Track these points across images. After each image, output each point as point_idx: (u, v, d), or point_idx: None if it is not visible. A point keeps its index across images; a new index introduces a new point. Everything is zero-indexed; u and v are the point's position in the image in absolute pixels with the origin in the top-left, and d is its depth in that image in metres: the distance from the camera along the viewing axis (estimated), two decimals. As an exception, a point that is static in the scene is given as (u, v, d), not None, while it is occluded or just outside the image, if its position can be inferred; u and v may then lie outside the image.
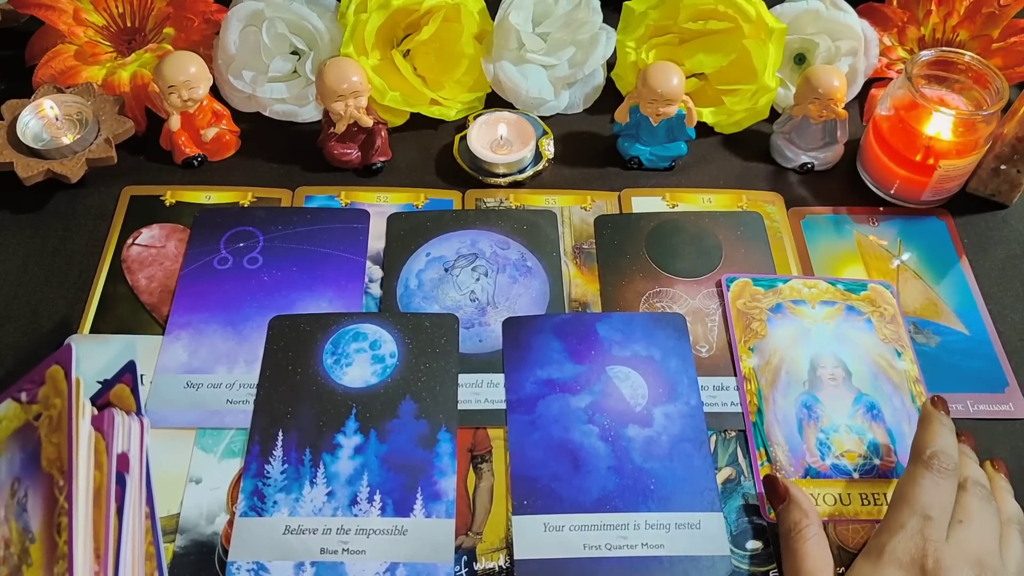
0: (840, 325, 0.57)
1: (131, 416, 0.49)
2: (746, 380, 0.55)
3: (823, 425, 0.53)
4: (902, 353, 0.56)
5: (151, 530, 0.47)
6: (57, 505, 0.43)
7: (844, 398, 0.54)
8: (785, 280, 0.58)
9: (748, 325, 0.56)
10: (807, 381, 0.55)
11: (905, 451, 0.51)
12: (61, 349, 0.47)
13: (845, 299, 0.58)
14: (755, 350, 0.56)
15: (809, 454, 0.52)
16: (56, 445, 0.44)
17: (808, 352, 0.56)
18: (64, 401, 0.45)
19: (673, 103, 0.66)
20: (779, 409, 0.54)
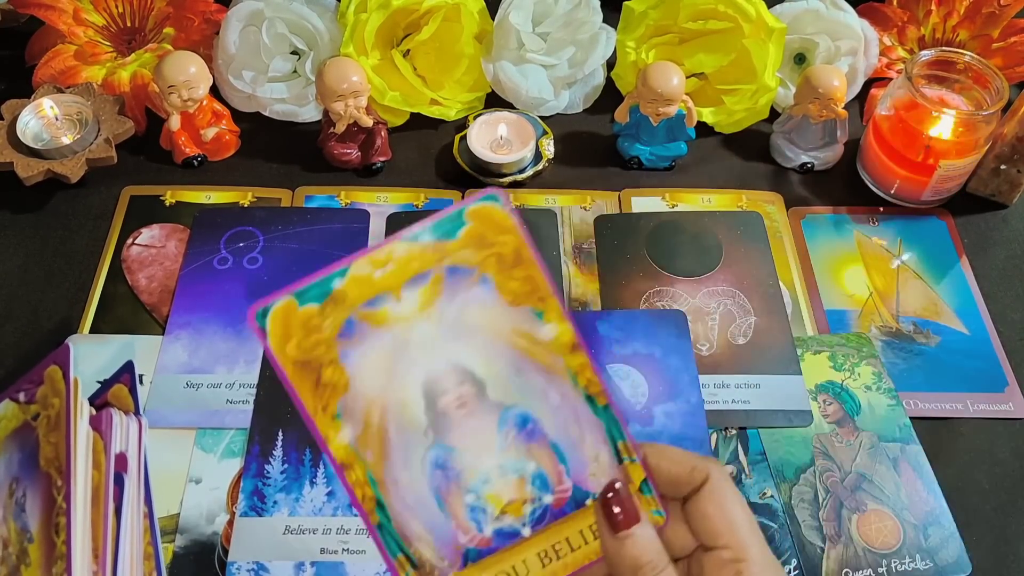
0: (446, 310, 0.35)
1: (129, 416, 0.49)
2: (346, 469, 0.35)
3: (468, 483, 0.36)
4: (543, 311, 0.35)
5: (149, 530, 0.47)
6: (55, 505, 0.43)
7: (485, 426, 0.36)
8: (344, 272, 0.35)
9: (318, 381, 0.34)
10: (428, 426, 0.36)
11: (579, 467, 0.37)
12: (59, 349, 0.47)
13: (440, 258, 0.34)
14: (342, 416, 0.35)
15: (461, 532, 0.36)
16: (54, 445, 0.44)
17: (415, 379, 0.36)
18: (62, 401, 0.45)
19: (673, 103, 0.66)
20: (404, 490, 0.36)
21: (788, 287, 0.63)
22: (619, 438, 0.37)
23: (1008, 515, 0.53)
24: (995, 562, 0.52)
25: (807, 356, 0.59)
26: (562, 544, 0.37)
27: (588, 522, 0.37)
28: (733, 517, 0.35)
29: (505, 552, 0.36)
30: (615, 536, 0.35)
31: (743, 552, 0.34)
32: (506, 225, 0.34)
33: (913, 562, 0.51)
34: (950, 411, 0.58)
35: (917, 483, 0.54)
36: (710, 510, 0.35)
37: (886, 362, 0.60)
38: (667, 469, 0.36)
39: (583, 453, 0.37)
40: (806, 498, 0.54)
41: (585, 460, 0.37)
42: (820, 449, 0.56)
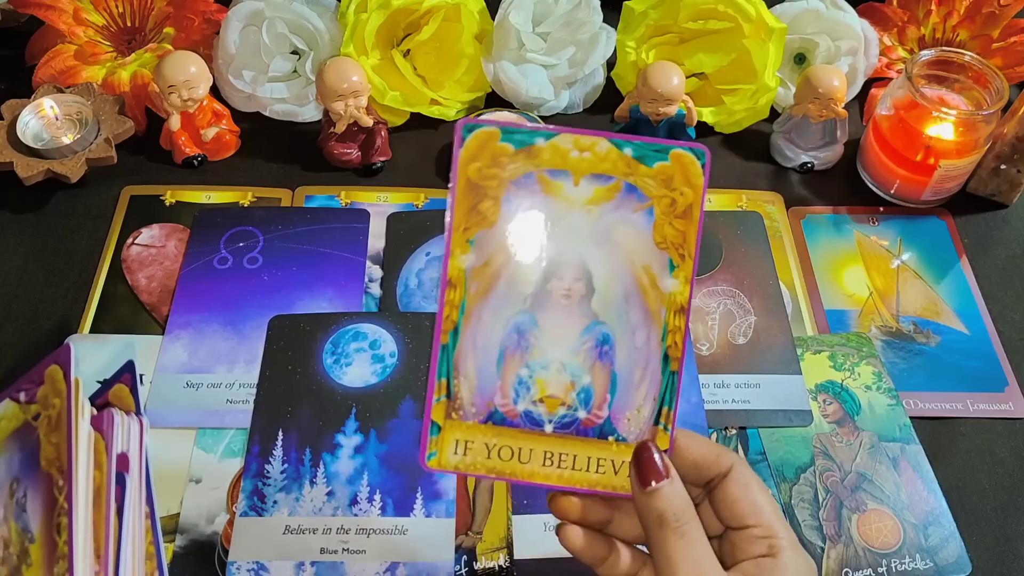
0: (606, 215, 0.38)
1: (130, 416, 0.49)
2: (450, 287, 0.38)
3: (531, 357, 0.39)
4: (678, 266, 0.39)
5: (151, 530, 0.47)
6: (57, 505, 0.43)
7: (572, 324, 0.39)
8: (550, 136, 0.38)
9: (476, 205, 0.38)
10: (531, 296, 0.39)
11: (621, 406, 0.39)
12: (60, 349, 0.47)
13: (628, 173, 0.38)
14: (475, 243, 0.38)
15: (500, 394, 0.39)
16: (55, 445, 0.44)
17: (547, 253, 0.39)
18: (63, 401, 0.45)
19: (673, 103, 0.66)
20: (482, 331, 0.39)
21: (788, 287, 0.63)
22: (668, 404, 0.39)
23: (1008, 515, 0.53)
24: (995, 562, 0.52)
25: (807, 356, 0.59)
26: (568, 458, 0.39)
27: (599, 454, 0.39)
28: (760, 500, 0.37)
29: (521, 433, 0.39)
30: (644, 489, 0.36)
31: (772, 530, 0.36)
32: (695, 181, 0.38)
33: (913, 562, 0.51)
34: (950, 411, 0.58)
35: (917, 483, 0.54)
36: (739, 494, 0.37)
37: (886, 362, 0.60)
38: (697, 450, 0.38)
39: (632, 397, 0.39)
40: (806, 498, 0.54)
41: (630, 403, 0.39)
42: (820, 449, 0.56)
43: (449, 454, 0.38)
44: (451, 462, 0.38)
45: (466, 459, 0.38)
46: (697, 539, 0.35)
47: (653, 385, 0.39)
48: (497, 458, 0.39)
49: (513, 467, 0.39)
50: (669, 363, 0.39)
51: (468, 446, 0.38)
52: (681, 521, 0.36)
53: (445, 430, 0.38)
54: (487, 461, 0.38)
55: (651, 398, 0.39)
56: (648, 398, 0.39)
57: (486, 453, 0.39)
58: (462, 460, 0.38)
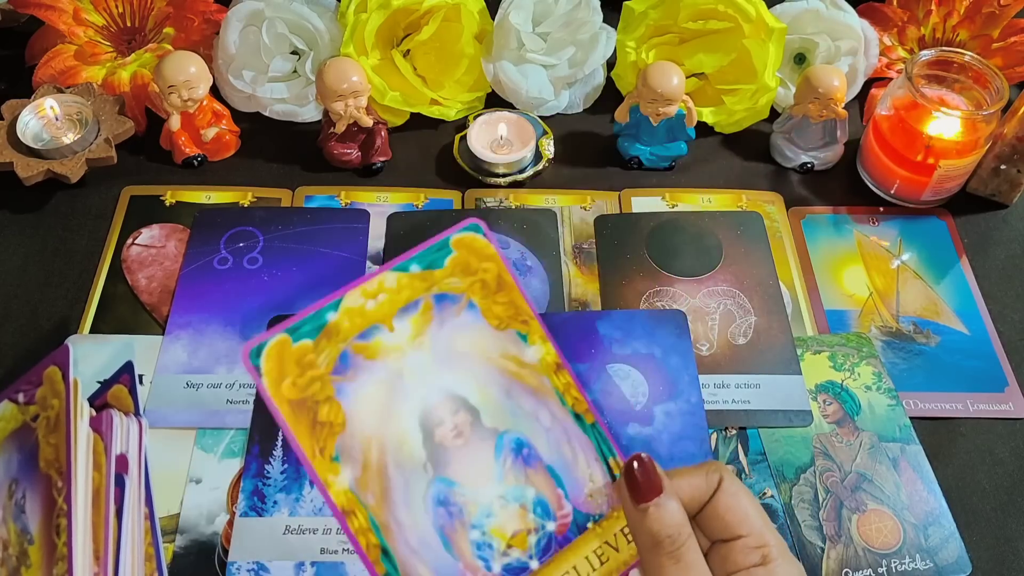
0: (437, 337, 0.36)
1: (129, 417, 0.49)
2: (349, 517, 0.34)
3: (471, 518, 0.36)
4: (526, 333, 0.37)
5: (150, 531, 0.47)
6: (56, 506, 0.43)
7: (481, 455, 0.36)
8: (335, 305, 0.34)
9: (315, 420, 0.33)
10: (427, 460, 0.35)
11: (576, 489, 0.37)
12: (58, 350, 0.47)
13: (429, 287, 0.36)
14: (340, 457, 0.34)
15: (470, 573, 0.35)
16: (54, 446, 0.44)
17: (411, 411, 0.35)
18: (62, 402, 0.45)
19: (673, 103, 0.66)
20: (408, 533, 0.35)
21: (788, 287, 0.63)
22: (609, 455, 0.37)
23: (1008, 515, 0.53)
24: (995, 562, 0.52)
25: (807, 356, 0.59)
26: (572, 573, 0.36)
27: (592, 546, 0.37)
28: (750, 510, 0.36)
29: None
30: (637, 507, 0.35)
31: (764, 539, 0.35)
32: (487, 253, 0.36)
33: (913, 562, 0.51)
34: (950, 411, 0.58)
35: (917, 483, 0.54)
36: (729, 503, 0.36)
37: (886, 362, 0.60)
38: (687, 485, 0.36)
39: (578, 473, 0.37)
40: (806, 498, 0.54)
41: (581, 480, 0.37)
42: (820, 449, 0.56)
43: None
44: None
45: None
46: (693, 563, 0.34)
47: (587, 449, 0.37)
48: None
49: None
50: (584, 419, 0.38)
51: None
52: (676, 543, 0.34)
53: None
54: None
55: (594, 460, 0.37)
56: (589, 462, 0.37)
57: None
58: None
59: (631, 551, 0.37)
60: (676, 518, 0.35)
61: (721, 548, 0.36)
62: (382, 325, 0.35)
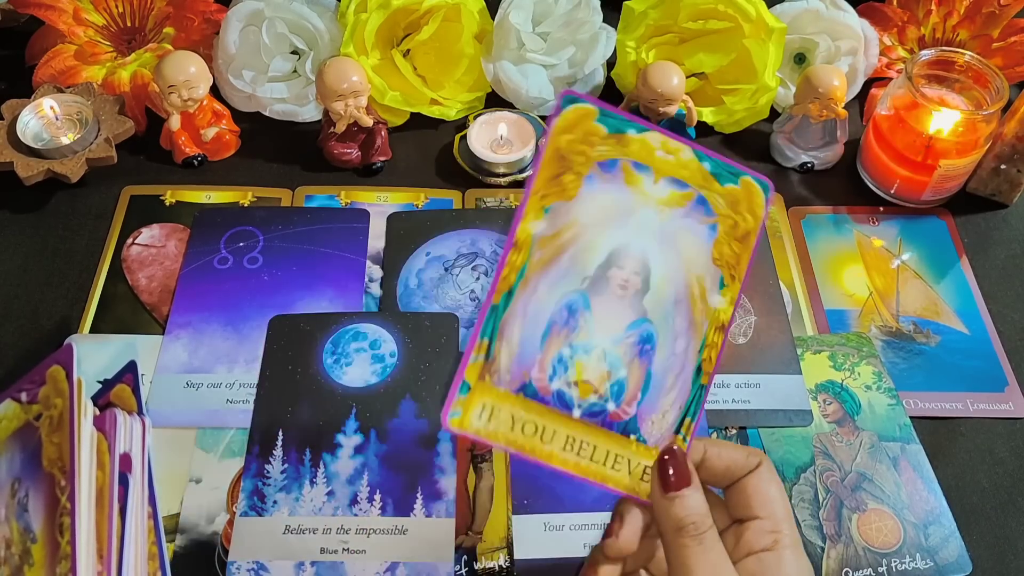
0: (675, 220, 0.40)
1: (132, 416, 0.49)
2: (515, 249, 0.38)
3: (576, 339, 0.39)
4: (727, 285, 0.41)
5: (154, 530, 0.47)
6: (59, 505, 0.43)
7: (622, 316, 0.40)
8: (642, 129, 0.39)
9: (559, 175, 0.38)
10: (590, 279, 0.39)
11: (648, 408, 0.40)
12: (62, 349, 0.47)
13: (703, 186, 0.40)
14: (549, 212, 0.38)
15: (538, 367, 0.39)
16: (57, 445, 0.44)
17: (613, 241, 0.39)
18: (65, 401, 0.45)
19: (673, 103, 0.66)
20: (535, 300, 0.39)
21: (788, 287, 0.63)
22: (691, 415, 0.40)
23: (1008, 514, 0.53)
24: (995, 561, 0.52)
25: (807, 356, 0.60)
26: (588, 447, 0.39)
27: (619, 450, 0.39)
28: (775, 496, 0.38)
29: (549, 411, 0.38)
30: (665, 495, 0.37)
31: (780, 525, 0.37)
32: (757, 211, 0.40)
33: (913, 561, 0.51)
34: (950, 411, 0.58)
35: (917, 482, 0.54)
36: (760, 487, 0.38)
37: (886, 362, 0.60)
38: (728, 455, 0.39)
39: (661, 401, 0.39)
40: (806, 497, 0.54)
41: (657, 407, 0.39)
42: (820, 449, 0.56)
43: (473, 417, 0.37)
44: (473, 425, 0.37)
45: (489, 426, 0.37)
46: (713, 545, 0.36)
47: (682, 393, 0.40)
48: (520, 432, 0.38)
49: (533, 444, 0.38)
50: (700, 375, 0.40)
51: (494, 413, 0.38)
52: (700, 529, 0.36)
53: (475, 391, 0.37)
54: (509, 433, 0.38)
55: (677, 406, 0.39)
56: (675, 405, 0.39)
57: (510, 424, 0.38)
58: (485, 426, 0.37)
59: (634, 484, 0.39)
60: (701, 508, 0.36)
61: (737, 530, 0.38)
62: (653, 172, 0.39)
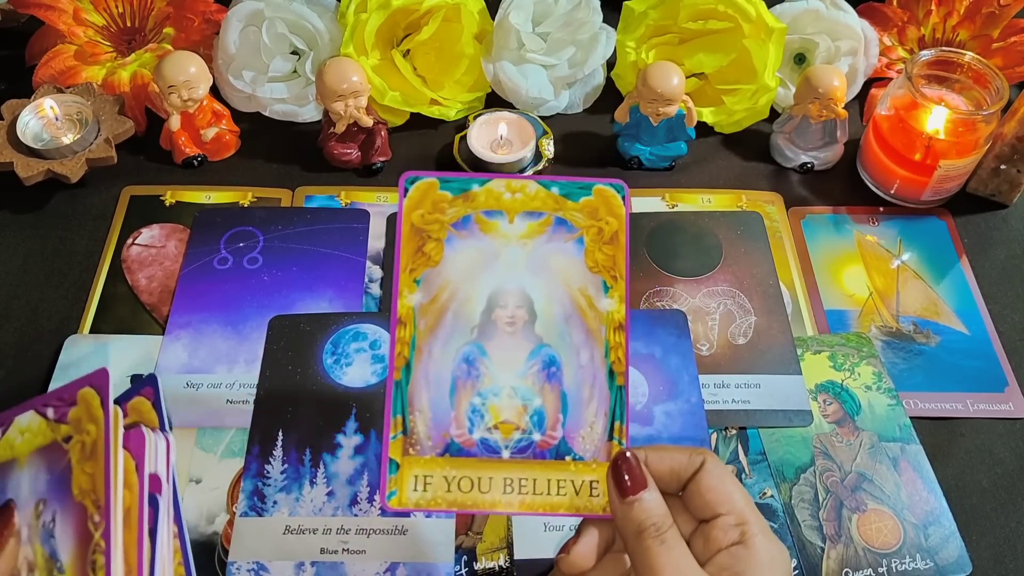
0: (540, 247, 0.42)
1: (157, 433, 0.48)
2: (400, 325, 0.41)
3: (483, 386, 0.41)
4: (611, 287, 0.42)
5: (180, 550, 0.47)
6: (92, 541, 0.42)
7: (519, 350, 0.41)
8: (484, 182, 0.42)
9: (420, 247, 0.42)
10: (477, 327, 0.41)
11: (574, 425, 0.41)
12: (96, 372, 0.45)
13: (557, 209, 0.42)
14: (421, 282, 0.41)
15: (455, 424, 0.40)
16: (90, 475, 0.43)
17: (488, 286, 0.42)
18: (99, 429, 0.44)
19: (673, 103, 0.66)
20: (433, 364, 0.41)
21: (788, 287, 0.63)
22: (619, 419, 0.40)
23: (1008, 515, 0.53)
24: (995, 561, 0.52)
25: (807, 356, 0.60)
26: (528, 483, 0.40)
27: (558, 476, 0.40)
28: (732, 489, 0.37)
29: (480, 461, 0.40)
30: (623, 500, 0.37)
31: (744, 516, 0.37)
32: (618, 212, 0.42)
33: (913, 562, 0.51)
34: (950, 411, 0.58)
35: (917, 483, 0.54)
36: (712, 484, 0.37)
37: (886, 362, 0.60)
38: (669, 458, 0.39)
39: (584, 415, 0.40)
40: (806, 498, 0.54)
41: (583, 421, 0.40)
42: (820, 449, 0.56)
43: (409, 491, 0.39)
44: (411, 499, 0.39)
45: (426, 495, 0.39)
46: (676, 544, 0.36)
47: (603, 401, 0.40)
48: (457, 490, 0.39)
49: (475, 498, 0.40)
50: (615, 378, 0.40)
51: (427, 481, 0.39)
52: (661, 530, 0.36)
53: (404, 467, 0.39)
54: (447, 495, 0.39)
55: (602, 414, 0.40)
56: (599, 414, 0.40)
57: (446, 486, 0.39)
58: (422, 496, 0.39)
59: (584, 502, 0.39)
60: (659, 509, 0.37)
61: (704, 528, 0.37)
62: (507, 215, 0.42)
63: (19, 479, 0.46)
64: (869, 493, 0.54)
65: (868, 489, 0.54)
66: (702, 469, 0.38)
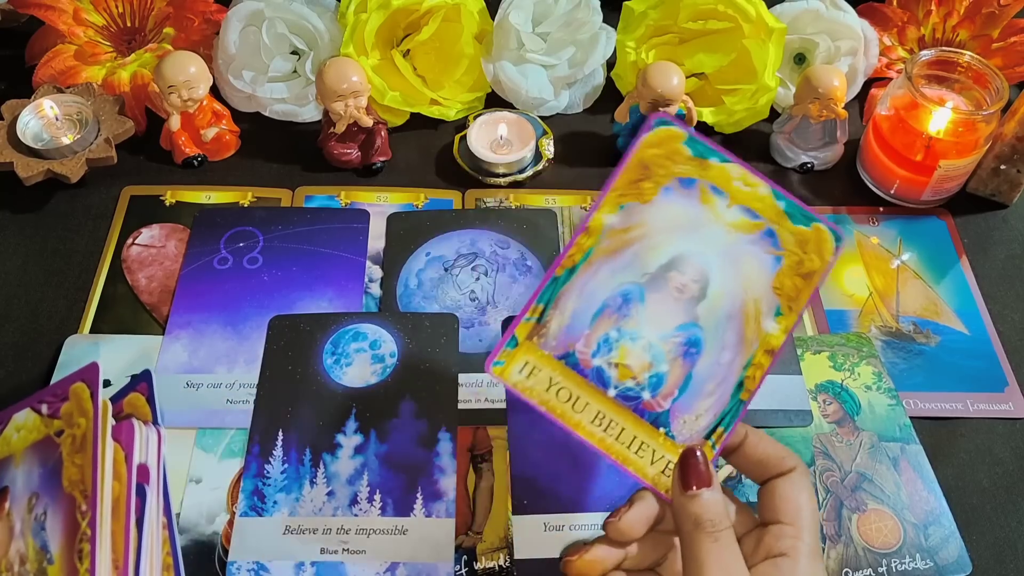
0: (741, 243, 0.42)
1: (148, 426, 0.49)
2: (586, 233, 0.42)
3: (626, 325, 0.42)
4: (783, 314, 0.42)
5: (168, 540, 0.47)
6: (79, 531, 0.42)
7: (673, 315, 0.42)
8: (725, 159, 0.42)
9: (639, 180, 0.42)
10: (650, 275, 0.42)
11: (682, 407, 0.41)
12: (87, 367, 0.46)
13: (775, 220, 0.42)
14: (624, 209, 0.42)
15: (584, 341, 0.41)
16: (79, 467, 0.44)
17: (679, 247, 0.42)
18: (89, 422, 0.44)
19: (673, 103, 0.66)
20: (594, 281, 0.42)
21: (788, 287, 0.63)
22: (724, 426, 0.41)
23: (1008, 515, 0.53)
24: (995, 561, 0.52)
25: (807, 356, 0.59)
26: (616, 426, 0.41)
27: (645, 438, 0.41)
28: (804, 504, 0.38)
29: (586, 384, 0.41)
30: (684, 492, 0.38)
31: (802, 532, 0.37)
32: (825, 256, 0.42)
33: (913, 561, 0.51)
34: (950, 411, 0.58)
35: (917, 483, 0.54)
36: (789, 493, 0.38)
37: (886, 362, 0.60)
38: (764, 449, 0.40)
39: (697, 404, 0.41)
40: (806, 498, 0.54)
41: (692, 408, 0.41)
42: (820, 449, 0.56)
43: (515, 370, 0.41)
44: (513, 378, 0.41)
45: (527, 381, 0.40)
46: (728, 545, 0.37)
47: (720, 402, 0.41)
48: (554, 395, 0.41)
49: (564, 410, 0.41)
50: (741, 391, 0.41)
51: (534, 371, 0.41)
52: (717, 527, 0.37)
53: (521, 347, 0.41)
54: (544, 393, 0.40)
55: (712, 412, 0.41)
56: (710, 411, 0.41)
57: (547, 385, 0.40)
58: (523, 381, 0.41)
59: (655, 475, 0.40)
60: (719, 507, 0.37)
61: (760, 531, 0.38)
62: (729, 197, 0.42)
63: (15, 475, 0.46)
64: (869, 493, 0.54)
65: (868, 489, 0.54)
66: (787, 475, 0.39)
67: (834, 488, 0.54)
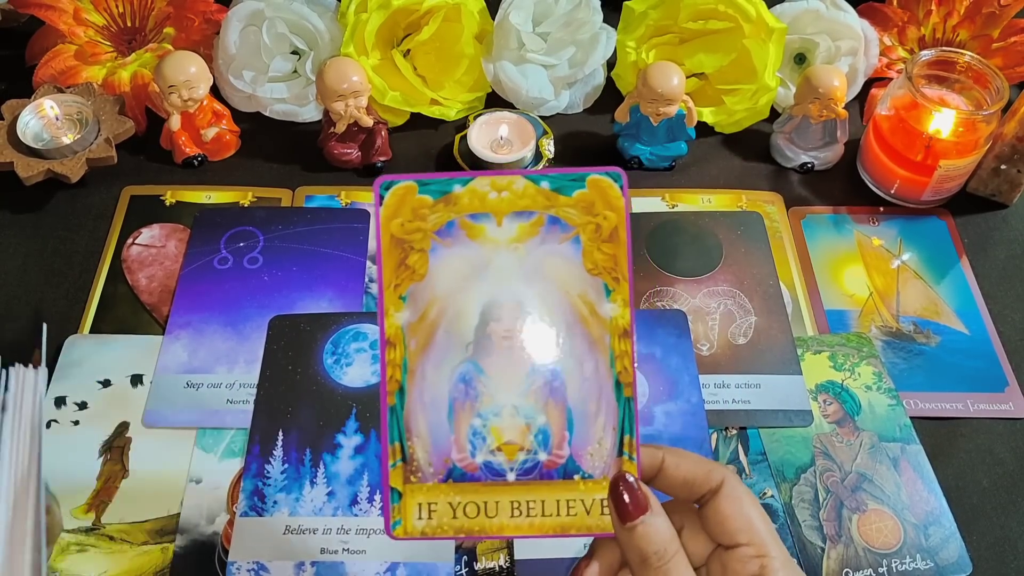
0: (533, 250, 0.38)
1: None
2: (390, 346, 0.38)
3: (482, 406, 0.38)
4: (614, 290, 0.38)
5: None
6: None
7: (519, 366, 0.39)
8: (466, 181, 0.38)
9: (403, 260, 0.38)
10: (472, 344, 0.38)
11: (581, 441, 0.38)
12: None
13: (549, 206, 0.38)
14: (407, 299, 0.38)
15: (456, 449, 0.38)
16: None
17: (480, 298, 0.39)
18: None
19: (673, 103, 0.66)
20: (428, 387, 0.38)
21: (788, 287, 0.63)
22: (628, 432, 0.38)
23: (1008, 515, 0.53)
24: (995, 562, 0.52)
25: (807, 356, 0.60)
26: (536, 504, 0.38)
27: (567, 496, 0.38)
28: (752, 517, 0.36)
29: (483, 486, 0.38)
30: (624, 526, 0.35)
31: (764, 548, 0.35)
32: (616, 204, 0.38)
33: (914, 562, 0.51)
34: (950, 411, 0.58)
35: (917, 483, 0.54)
36: (730, 510, 0.36)
37: (886, 362, 0.60)
38: (686, 469, 0.37)
39: (591, 431, 0.38)
40: (806, 498, 0.54)
41: (590, 437, 0.38)
42: (820, 449, 0.56)
43: (413, 520, 0.38)
44: (417, 528, 0.38)
45: (431, 523, 0.38)
46: (680, 573, 0.35)
47: (610, 415, 0.38)
48: (464, 516, 0.38)
49: (481, 523, 0.38)
50: (622, 389, 0.38)
51: (432, 509, 0.38)
52: (664, 559, 0.35)
53: (406, 495, 0.38)
54: (453, 521, 0.38)
55: (610, 428, 0.38)
56: (607, 429, 0.38)
57: (451, 513, 0.38)
58: (428, 524, 0.38)
59: (596, 522, 0.38)
60: (663, 535, 0.35)
61: (721, 555, 0.36)
62: (494, 216, 0.38)
63: None
64: (869, 493, 0.54)
65: (868, 489, 0.54)
66: (720, 492, 0.36)
67: (834, 488, 0.54)
